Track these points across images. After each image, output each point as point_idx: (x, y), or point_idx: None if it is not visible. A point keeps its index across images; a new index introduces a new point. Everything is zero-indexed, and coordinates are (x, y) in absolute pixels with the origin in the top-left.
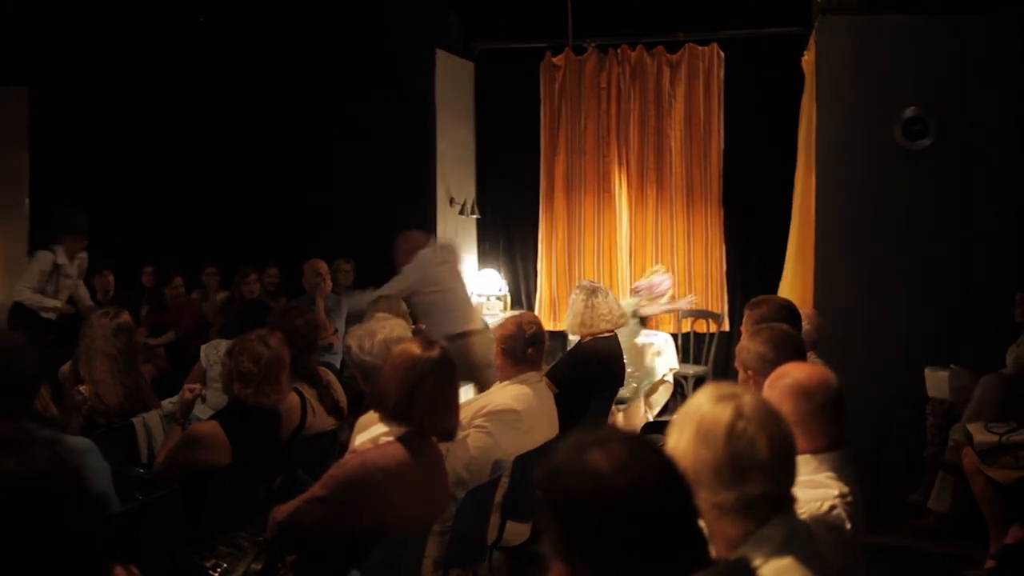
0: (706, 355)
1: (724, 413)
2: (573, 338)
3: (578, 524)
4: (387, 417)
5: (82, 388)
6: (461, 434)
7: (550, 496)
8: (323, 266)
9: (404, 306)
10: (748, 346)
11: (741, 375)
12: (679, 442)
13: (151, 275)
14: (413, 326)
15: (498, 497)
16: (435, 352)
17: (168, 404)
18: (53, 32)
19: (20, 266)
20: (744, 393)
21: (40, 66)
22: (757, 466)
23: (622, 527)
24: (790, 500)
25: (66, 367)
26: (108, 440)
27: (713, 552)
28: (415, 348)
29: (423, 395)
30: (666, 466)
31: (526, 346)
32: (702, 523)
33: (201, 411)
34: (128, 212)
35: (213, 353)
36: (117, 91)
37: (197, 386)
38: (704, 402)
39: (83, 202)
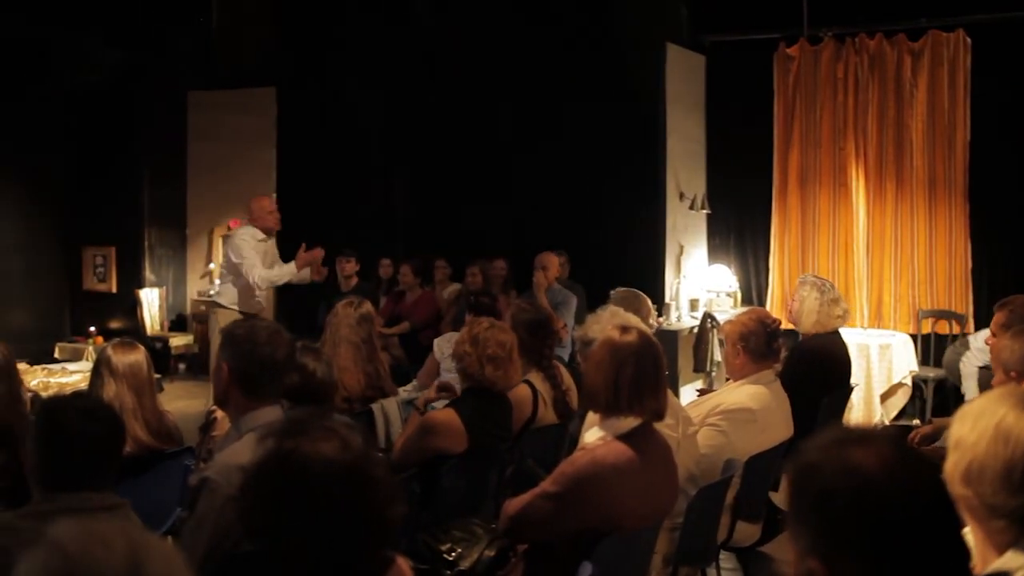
0: (944, 365)
1: None
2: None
3: (837, 520)
4: (598, 409)
5: None
6: (691, 429)
7: (807, 491)
8: (541, 259)
9: (647, 305)
10: (1011, 346)
11: (998, 377)
12: (970, 433)
13: (388, 267)
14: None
15: (729, 497)
16: (633, 337)
17: (404, 392)
18: (298, 35)
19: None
20: None
21: (286, 67)
22: None
23: (885, 527)
24: None
25: None
26: None
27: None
28: (613, 337)
29: (627, 381)
30: (934, 471)
31: (769, 340)
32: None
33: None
34: (367, 206)
35: (446, 346)
36: (357, 89)
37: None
38: (1006, 404)
39: (324, 196)
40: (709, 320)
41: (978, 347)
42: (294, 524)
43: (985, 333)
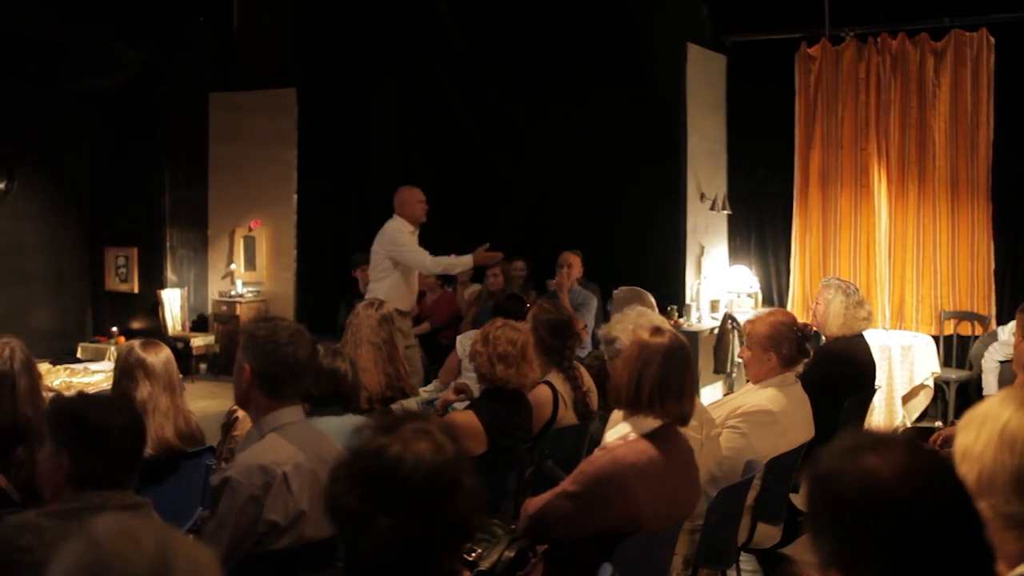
0: (970, 359)
1: None
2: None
3: (855, 530)
4: (620, 406)
5: None
6: (714, 431)
7: (823, 502)
8: (565, 258)
9: (649, 300)
10: None
11: (1020, 378)
12: (975, 443)
13: None
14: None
15: (750, 499)
16: (663, 339)
17: (424, 392)
18: (318, 36)
19: (288, 258)
20: None
21: (307, 68)
22: None
23: (903, 533)
24: None
25: None
26: None
27: None
28: (643, 337)
29: (649, 380)
30: (950, 473)
31: (800, 343)
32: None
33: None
34: (386, 207)
35: (468, 343)
36: (377, 90)
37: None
38: (1009, 407)
39: (344, 197)
40: (730, 321)
41: (1004, 340)
42: (375, 514)
43: (1012, 325)
